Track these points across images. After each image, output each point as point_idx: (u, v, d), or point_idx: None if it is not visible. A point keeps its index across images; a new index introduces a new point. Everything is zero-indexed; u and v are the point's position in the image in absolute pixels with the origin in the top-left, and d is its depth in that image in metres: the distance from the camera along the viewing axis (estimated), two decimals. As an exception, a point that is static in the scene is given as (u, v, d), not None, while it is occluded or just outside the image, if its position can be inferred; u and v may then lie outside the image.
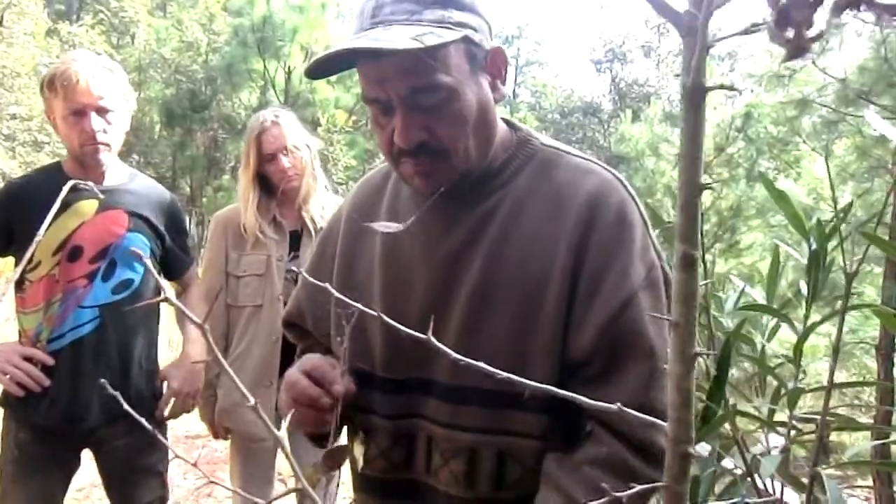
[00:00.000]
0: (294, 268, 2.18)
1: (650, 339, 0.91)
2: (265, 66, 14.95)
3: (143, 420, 0.49)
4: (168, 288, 0.44)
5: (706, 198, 7.47)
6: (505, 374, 0.43)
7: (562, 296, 0.93)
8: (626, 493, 0.42)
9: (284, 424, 0.48)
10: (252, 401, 0.42)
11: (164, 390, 1.98)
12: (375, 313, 0.48)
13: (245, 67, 15.25)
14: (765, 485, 1.01)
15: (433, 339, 0.45)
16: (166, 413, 1.97)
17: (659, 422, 0.39)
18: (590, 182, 0.97)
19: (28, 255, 1.61)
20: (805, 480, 1.04)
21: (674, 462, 0.39)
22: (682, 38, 0.34)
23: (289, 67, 14.99)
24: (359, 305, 0.51)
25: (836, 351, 0.86)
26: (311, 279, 0.54)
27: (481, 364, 0.44)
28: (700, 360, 1.01)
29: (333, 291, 0.51)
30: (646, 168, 7.53)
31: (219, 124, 17.21)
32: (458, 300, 0.97)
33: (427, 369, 1.01)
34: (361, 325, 1.01)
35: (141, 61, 18.01)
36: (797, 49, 0.37)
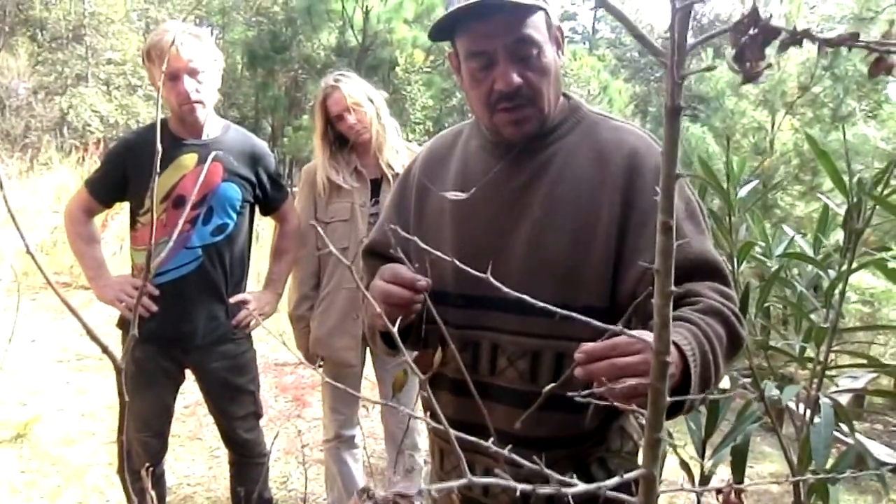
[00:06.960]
0: (376, 212, 2.40)
1: (695, 251, 1.11)
2: (343, 7, 15.02)
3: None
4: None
5: (787, 138, 7.22)
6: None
7: (612, 224, 1.15)
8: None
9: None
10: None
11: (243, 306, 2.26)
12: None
13: (324, 8, 15.36)
14: (787, 408, 1.16)
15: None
16: (242, 321, 2.24)
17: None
18: (630, 139, 1.20)
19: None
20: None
21: (660, 302, 0.56)
22: (664, 71, 0.50)
23: (367, 7, 15.01)
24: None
25: (841, 295, 0.99)
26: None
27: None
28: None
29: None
30: (725, 108, 7.34)
31: (299, 65, 17.49)
32: (522, 228, 1.20)
33: (495, 287, 1.22)
34: (437, 250, 1.22)
35: (224, 4, 18.42)
36: (751, 77, 0.53)
